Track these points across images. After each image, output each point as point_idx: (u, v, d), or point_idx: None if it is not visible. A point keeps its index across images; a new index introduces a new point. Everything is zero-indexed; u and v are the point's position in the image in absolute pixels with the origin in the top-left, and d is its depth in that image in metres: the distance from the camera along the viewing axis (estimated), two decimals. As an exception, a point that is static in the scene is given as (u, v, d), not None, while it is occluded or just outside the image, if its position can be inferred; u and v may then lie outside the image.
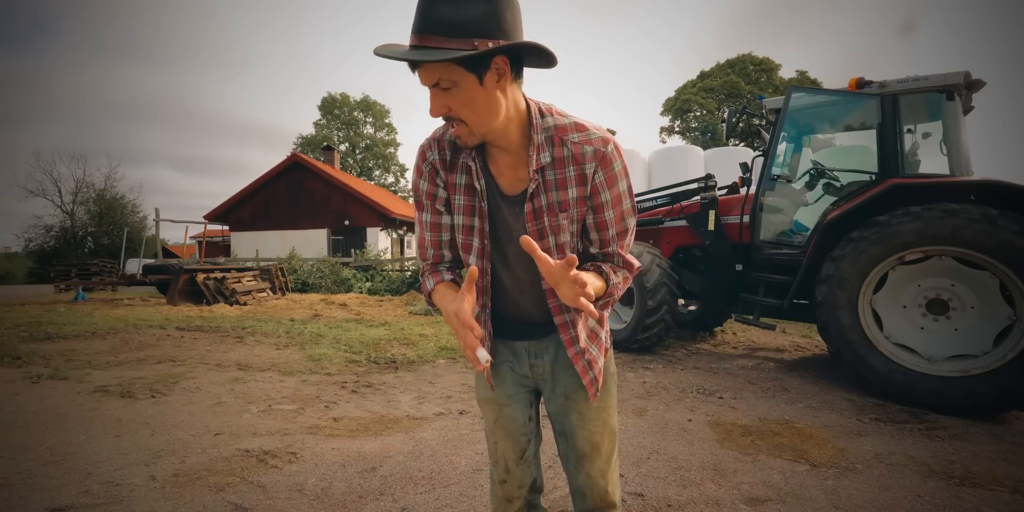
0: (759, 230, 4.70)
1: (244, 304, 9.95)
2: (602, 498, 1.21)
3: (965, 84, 3.95)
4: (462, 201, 1.09)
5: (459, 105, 0.92)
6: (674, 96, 35.48)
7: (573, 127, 1.02)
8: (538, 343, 1.19)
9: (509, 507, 1.26)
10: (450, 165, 1.08)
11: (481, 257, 1.10)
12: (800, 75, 32.39)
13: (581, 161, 1.01)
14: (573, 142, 1.01)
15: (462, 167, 1.08)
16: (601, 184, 1.02)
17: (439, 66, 0.88)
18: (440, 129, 1.10)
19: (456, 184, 1.09)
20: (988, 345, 3.28)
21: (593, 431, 1.18)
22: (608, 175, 1.02)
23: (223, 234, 24.19)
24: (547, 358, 1.19)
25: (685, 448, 2.68)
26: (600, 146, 1.01)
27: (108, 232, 30.33)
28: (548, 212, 1.04)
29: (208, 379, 4.12)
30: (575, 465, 1.21)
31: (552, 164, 1.01)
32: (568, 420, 1.19)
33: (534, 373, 1.21)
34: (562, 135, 1.01)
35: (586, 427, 1.18)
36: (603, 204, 1.04)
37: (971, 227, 3.20)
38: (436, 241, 1.14)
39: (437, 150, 1.09)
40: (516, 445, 1.22)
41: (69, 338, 5.99)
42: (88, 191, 31.58)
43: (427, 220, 1.14)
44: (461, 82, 0.90)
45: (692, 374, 4.32)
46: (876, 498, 2.13)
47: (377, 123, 41.63)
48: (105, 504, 2.07)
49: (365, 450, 2.66)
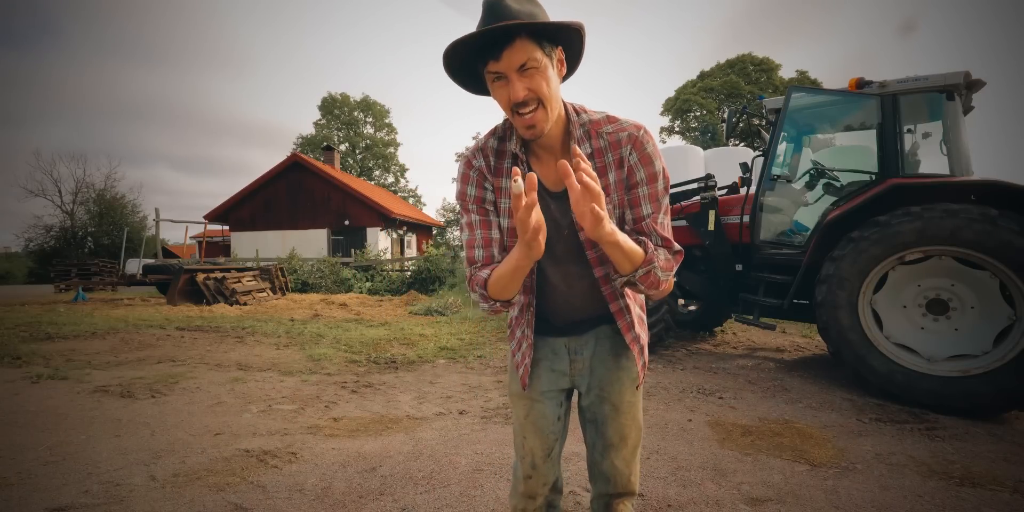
0: (759, 230, 4.69)
1: (244, 304, 9.95)
2: (625, 486, 1.25)
3: (965, 84, 3.95)
4: (507, 205, 1.12)
5: (540, 87, 0.96)
6: (674, 96, 35.47)
7: (606, 120, 1.09)
8: (579, 339, 1.23)
9: (531, 504, 1.28)
10: (495, 170, 1.13)
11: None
12: (800, 75, 32.38)
13: (617, 147, 1.07)
14: (608, 132, 1.08)
15: (507, 171, 1.11)
16: (636, 164, 1.07)
17: (528, 46, 0.93)
18: (482, 140, 1.15)
19: (503, 188, 1.12)
20: (988, 345, 3.28)
21: (623, 423, 1.22)
22: (641, 155, 1.07)
23: (223, 234, 24.18)
24: (587, 353, 1.23)
25: (685, 448, 2.68)
26: (633, 131, 1.07)
27: (108, 232, 30.32)
28: None
29: (208, 379, 4.12)
30: (602, 452, 1.24)
31: (592, 155, 1.07)
32: (601, 411, 1.22)
33: (573, 369, 1.24)
34: (597, 128, 1.08)
35: (618, 419, 1.21)
36: (637, 182, 1.08)
37: (971, 227, 3.20)
38: (487, 239, 1.12)
39: (483, 158, 1.14)
40: (544, 442, 1.25)
41: (69, 338, 5.99)
42: (88, 191, 31.59)
43: (476, 220, 1.14)
44: (542, 64, 0.96)
45: (692, 374, 4.32)
46: (876, 498, 2.13)
47: (377, 123, 41.62)
48: (105, 504, 2.07)
49: (365, 450, 2.66)
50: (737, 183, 5.59)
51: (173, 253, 29.55)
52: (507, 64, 0.94)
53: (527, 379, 1.23)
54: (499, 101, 1.00)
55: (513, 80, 0.95)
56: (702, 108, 34.26)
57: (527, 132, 1.01)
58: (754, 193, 4.82)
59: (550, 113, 1.00)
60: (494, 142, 1.14)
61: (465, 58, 0.99)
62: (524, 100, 0.96)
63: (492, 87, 1.00)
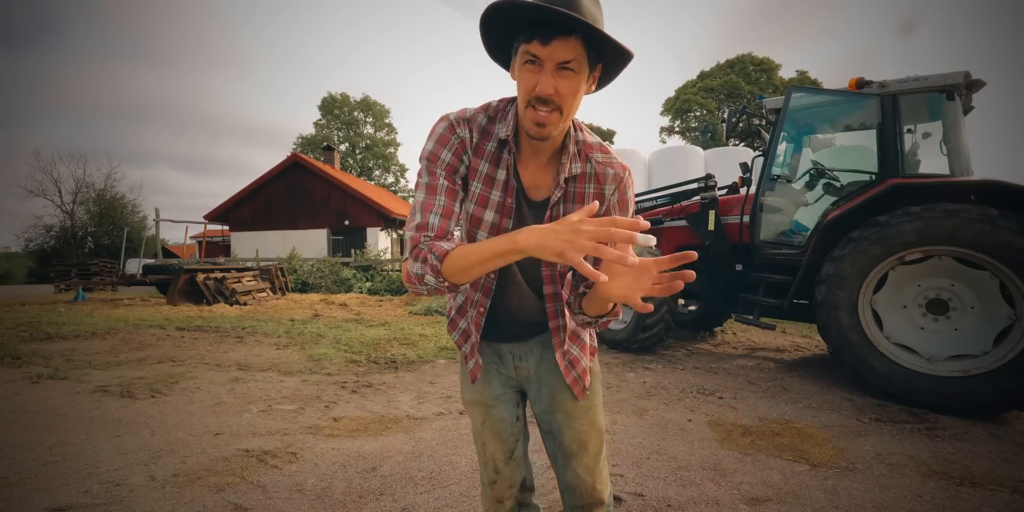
0: (759, 230, 4.69)
1: (244, 304, 9.95)
2: (590, 495, 1.21)
3: (965, 84, 3.95)
4: (479, 190, 1.04)
5: (568, 93, 0.91)
6: (674, 96, 35.48)
7: (598, 147, 1.07)
8: (523, 345, 1.21)
9: (500, 507, 1.26)
10: (475, 148, 1.04)
11: None
12: (800, 75, 32.39)
13: (602, 181, 1.06)
14: (597, 161, 1.06)
15: (488, 155, 1.04)
16: (614, 206, 1.08)
17: (579, 48, 0.87)
18: (470, 111, 1.04)
19: (479, 170, 1.04)
20: (988, 345, 3.27)
21: (580, 430, 1.19)
22: (622, 199, 1.09)
23: (223, 234, 24.18)
24: (531, 360, 1.21)
25: (685, 448, 2.68)
26: (620, 171, 1.07)
27: (108, 232, 30.32)
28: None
29: (208, 379, 4.12)
30: (563, 462, 1.22)
31: (575, 178, 1.05)
32: (555, 419, 1.20)
33: (519, 375, 1.23)
34: (588, 152, 1.06)
35: (572, 426, 1.19)
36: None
37: (971, 227, 3.20)
38: (448, 209, 0.99)
39: (468, 129, 1.03)
40: (504, 445, 1.23)
41: (69, 338, 5.99)
42: (88, 191, 31.58)
43: (442, 185, 1.00)
44: (580, 72, 0.90)
45: (692, 374, 4.32)
46: (876, 498, 2.13)
47: (377, 123, 41.63)
48: (105, 504, 2.07)
49: (365, 450, 2.66)
50: (737, 183, 5.59)
51: (173, 253, 29.54)
52: (551, 53, 0.87)
53: (478, 373, 1.21)
54: (521, 84, 0.93)
55: (547, 72, 0.89)
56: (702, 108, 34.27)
57: (535, 129, 0.94)
58: (754, 193, 4.82)
59: (564, 121, 0.95)
60: (483, 119, 1.04)
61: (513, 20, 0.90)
62: (549, 97, 0.90)
63: (520, 67, 0.91)
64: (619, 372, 4.36)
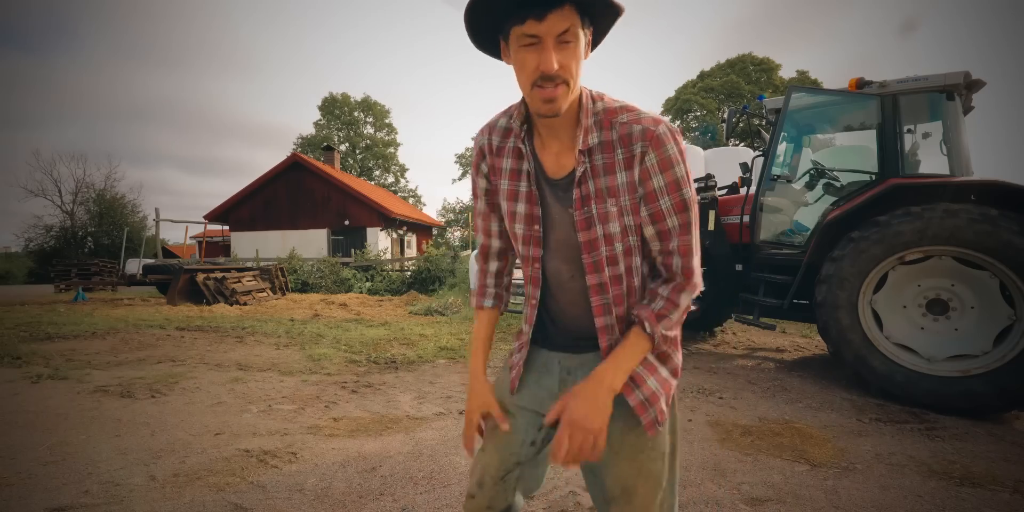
0: (759, 230, 4.70)
1: (244, 304, 9.95)
2: None
3: (965, 84, 3.95)
4: (507, 185, 1.05)
5: (571, 64, 0.87)
6: (674, 96, 35.48)
7: (622, 109, 0.95)
8: (575, 357, 1.05)
9: None
10: (497, 149, 1.07)
11: (529, 244, 1.05)
12: (800, 75, 32.39)
13: (629, 142, 0.92)
14: (621, 122, 0.93)
15: (509, 151, 1.05)
16: (652, 167, 0.92)
17: (573, 15, 0.84)
18: (494, 118, 1.10)
19: (503, 168, 1.06)
20: (988, 345, 3.27)
21: (625, 472, 0.98)
22: (660, 158, 0.91)
23: (223, 234, 24.18)
24: (582, 375, 1.00)
25: (685, 448, 2.68)
26: (650, 125, 0.91)
27: (108, 232, 30.28)
28: (596, 198, 0.95)
29: (208, 379, 4.12)
30: (602, 507, 1.03)
31: (600, 147, 0.94)
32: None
33: (563, 391, 1.04)
34: (611, 118, 0.94)
35: (617, 464, 0.98)
36: (656, 191, 0.93)
37: (971, 227, 3.20)
38: (487, 229, 1.17)
39: (487, 135, 1.08)
40: (503, 461, 1.08)
41: (69, 338, 5.99)
42: (88, 191, 31.56)
43: (481, 208, 1.16)
44: (577, 40, 0.87)
45: (692, 374, 4.32)
46: (876, 498, 2.13)
47: (377, 123, 41.63)
48: (105, 504, 2.07)
49: (365, 450, 2.66)
50: (737, 183, 5.59)
51: (173, 253, 29.55)
52: (548, 27, 0.83)
53: (517, 382, 1.09)
54: (523, 68, 0.88)
55: (548, 48, 0.85)
56: (702, 108, 34.27)
57: (545, 107, 0.89)
58: (754, 193, 4.82)
59: (572, 92, 0.90)
60: (504, 121, 1.06)
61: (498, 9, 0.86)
62: (556, 74, 0.86)
63: (519, 52, 0.87)
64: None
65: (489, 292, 1.20)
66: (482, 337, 1.18)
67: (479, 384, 1.13)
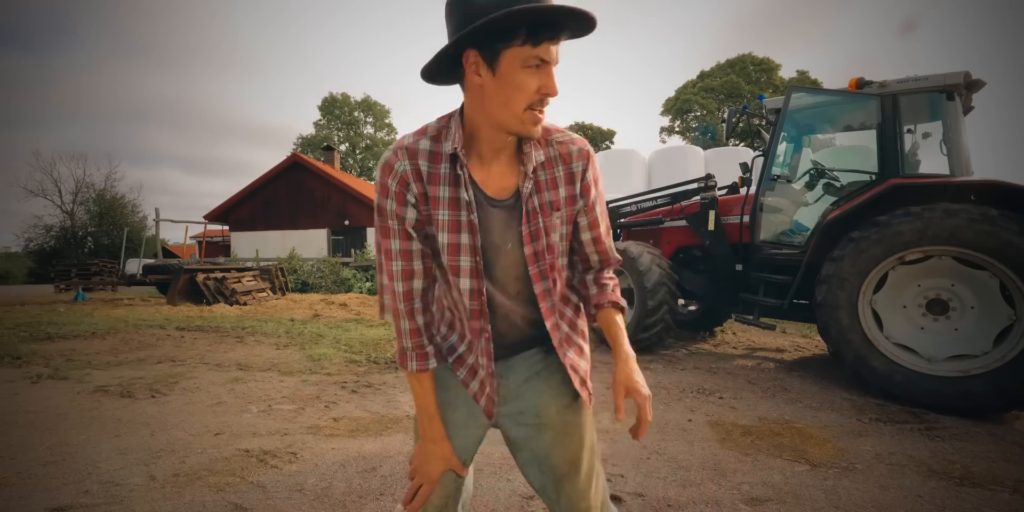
0: (759, 230, 4.70)
1: (244, 304, 9.95)
2: None
3: (965, 84, 3.95)
4: (446, 216, 0.97)
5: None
6: (674, 96, 35.51)
7: (553, 128, 1.03)
8: (504, 362, 1.09)
9: None
10: (429, 176, 0.96)
11: (475, 277, 0.99)
12: (800, 75, 32.40)
13: (569, 160, 1.02)
14: (558, 142, 1.02)
15: (444, 178, 0.96)
16: (591, 181, 1.05)
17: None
18: (408, 138, 0.97)
19: (439, 197, 0.97)
20: (988, 345, 3.27)
21: (570, 447, 1.07)
22: (594, 173, 1.06)
23: (223, 234, 24.18)
24: (512, 378, 1.09)
25: (685, 448, 2.68)
26: (583, 145, 1.04)
27: (108, 232, 30.30)
28: (542, 212, 1.01)
29: (208, 379, 4.12)
30: (554, 489, 1.08)
31: (542, 164, 1.01)
32: (540, 440, 1.07)
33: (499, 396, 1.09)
34: (546, 136, 1.02)
35: (562, 443, 1.07)
36: (594, 201, 1.07)
37: (971, 227, 3.20)
38: (407, 271, 1.00)
39: (408, 159, 0.95)
40: (444, 488, 1.08)
41: (69, 338, 5.99)
42: (88, 191, 31.57)
43: (396, 249, 1.00)
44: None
45: (692, 374, 4.32)
46: (876, 498, 2.13)
47: (377, 123, 41.66)
48: (105, 504, 2.07)
49: (365, 450, 2.66)
50: (737, 183, 5.59)
51: (173, 253, 29.54)
52: (556, 53, 0.87)
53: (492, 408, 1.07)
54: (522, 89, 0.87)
55: (552, 72, 0.88)
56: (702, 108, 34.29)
57: (535, 130, 0.93)
58: (754, 193, 4.82)
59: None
60: (427, 143, 0.96)
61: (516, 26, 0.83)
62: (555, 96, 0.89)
63: (519, 72, 0.86)
64: (619, 372, 4.36)
65: (429, 351, 1.06)
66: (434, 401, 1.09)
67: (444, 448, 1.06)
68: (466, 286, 1.00)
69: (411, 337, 1.04)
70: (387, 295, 1.05)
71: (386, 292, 1.04)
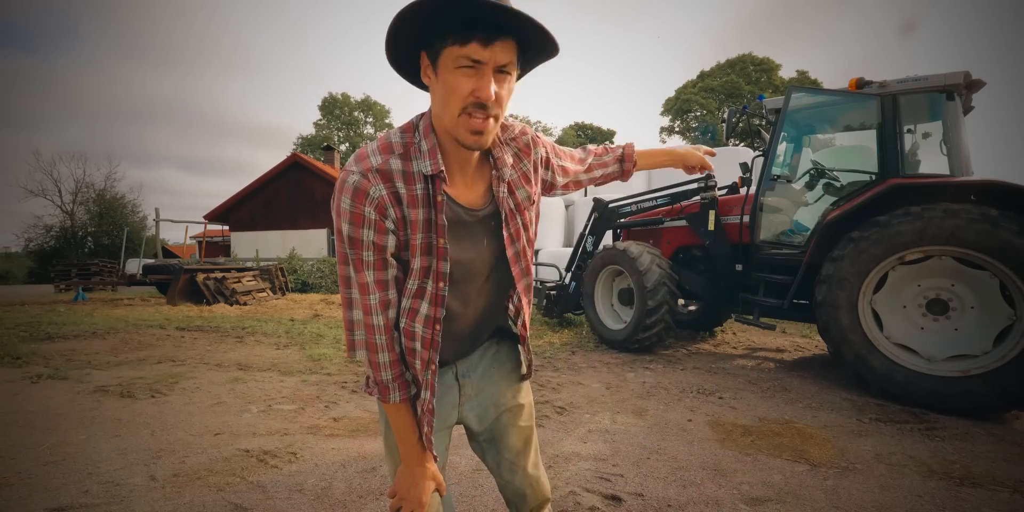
0: (759, 230, 4.69)
1: (244, 304, 9.95)
2: (544, 493, 1.21)
3: (965, 84, 3.95)
4: (420, 240, 0.92)
5: (506, 98, 0.86)
6: (674, 96, 35.51)
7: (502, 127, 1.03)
8: (467, 361, 1.12)
9: None
10: (409, 199, 0.90)
11: (434, 304, 0.95)
12: (800, 75, 32.40)
13: (529, 152, 1.06)
14: (512, 138, 1.04)
15: (421, 200, 0.90)
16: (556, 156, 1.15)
17: (514, 49, 0.83)
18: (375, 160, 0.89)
19: (417, 220, 0.91)
20: (988, 345, 3.27)
21: (523, 426, 1.18)
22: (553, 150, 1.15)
23: (223, 234, 24.19)
24: (474, 376, 1.13)
25: (685, 448, 2.68)
26: (530, 132, 1.07)
27: (108, 232, 30.28)
28: (519, 212, 1.03)
29: (208, 379, 4.12)
30: (510, 466, 1.17)
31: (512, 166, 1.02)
32: (499, 424, 1.17)
33: (463, 395, 1.11)
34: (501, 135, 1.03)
35: (517, 423, 1.17)
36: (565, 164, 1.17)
37: (971, 227, 3.20)
38: (386, 301, 0.94)
39: (383, 183, 0.88)
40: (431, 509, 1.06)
41: (69, 338, 5.99)
42: (88, 191, 31.56)
43: (371, 281, 0.92)
44: (513, 74, 0.87)
45: (692, 374, 4.32)
46: (876, 498, 2.13)
47: (377, 123, 41.66)
48: (105, 504, 2.07)
49: (365, 450, 2.66)
50: (737, 183, 5.59)
51: (173, 253, 29.54)
52: (492, 55, 0.80)
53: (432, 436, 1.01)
54: (454, 91, 0.82)
55: (488, 75, 0.81)
56: (702, 108, 34.30)
57: (472, 138, 0.85)
58: (754, 193, 4.82)
59: (497, 127, 0.88)
60: (398, 163, 0.89)
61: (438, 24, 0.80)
62: (490, 103, 0.82)
63: (452, 73, 0.82)
64: (619, 372, 4.36)
65: (408, 377, 1.02)
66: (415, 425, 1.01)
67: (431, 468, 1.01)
68: (424, 311, 0.96)
69: (391, 368, 0.99)
70: (359, 331, 0.98)
71: (358, 328, 0.97)
